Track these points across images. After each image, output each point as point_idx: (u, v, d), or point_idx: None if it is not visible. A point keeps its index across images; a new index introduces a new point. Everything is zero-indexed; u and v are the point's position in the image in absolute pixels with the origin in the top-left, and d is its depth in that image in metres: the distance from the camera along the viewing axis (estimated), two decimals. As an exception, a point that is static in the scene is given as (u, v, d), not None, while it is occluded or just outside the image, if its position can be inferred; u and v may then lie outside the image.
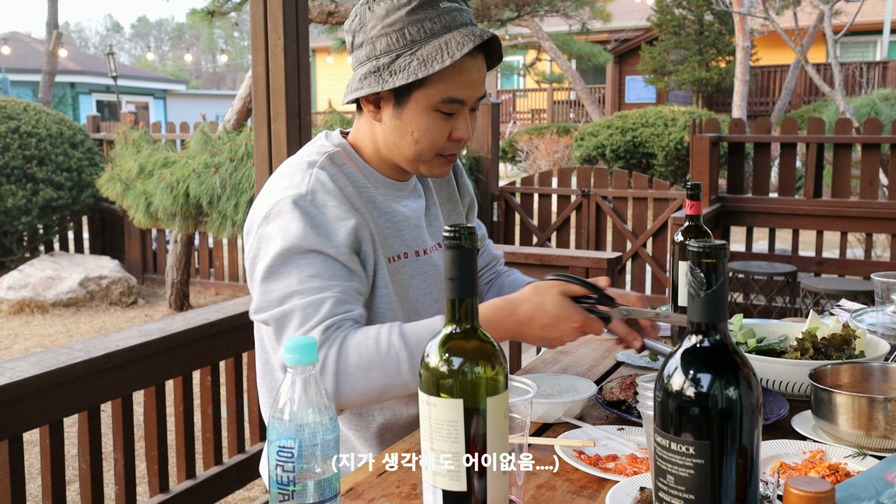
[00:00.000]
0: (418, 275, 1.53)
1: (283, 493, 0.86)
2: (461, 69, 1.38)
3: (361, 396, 1.30)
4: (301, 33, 2.50)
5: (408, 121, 1.41)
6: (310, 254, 1.34)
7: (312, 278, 1.33)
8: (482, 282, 1.83)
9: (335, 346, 1.29)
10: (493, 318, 1.35)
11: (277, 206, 1.37)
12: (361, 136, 1.51)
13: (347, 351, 1.29)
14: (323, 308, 1.31)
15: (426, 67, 1.34)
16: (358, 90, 1.41)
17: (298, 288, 1.33)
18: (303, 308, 1.32)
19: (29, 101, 8.17)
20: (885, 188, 6.23)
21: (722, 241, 0.82)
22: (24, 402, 1.84)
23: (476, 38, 1.35)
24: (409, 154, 1.44)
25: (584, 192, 6.64)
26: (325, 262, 1.34)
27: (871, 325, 1.69)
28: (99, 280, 7.22)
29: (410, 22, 1.36)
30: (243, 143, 5.99)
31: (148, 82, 25.66)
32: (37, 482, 3.36)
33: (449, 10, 1.39)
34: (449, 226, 0.91)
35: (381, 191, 1.50)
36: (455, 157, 1.49)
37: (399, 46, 1.37)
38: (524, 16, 9.44)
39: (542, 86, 21.29)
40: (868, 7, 14.57)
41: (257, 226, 1.39)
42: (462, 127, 1.43)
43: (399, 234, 1.50)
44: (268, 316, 1.35)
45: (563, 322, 1.34)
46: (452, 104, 1.39)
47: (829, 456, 1.20)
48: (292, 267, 1.34)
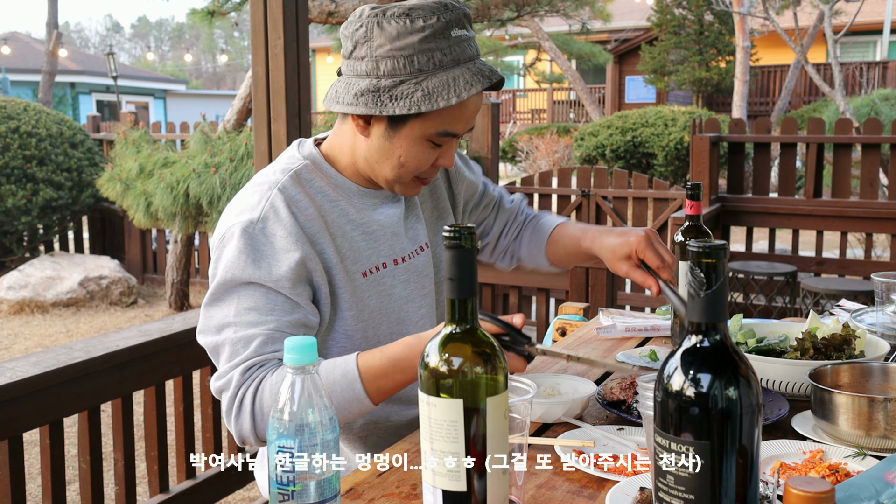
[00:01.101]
0: (399, 283, 1.51)
1: (283, 493, 0.86)
2: (463, 106, 1.37)
3: None
4: (301, 33, 2.50)
5: (398, 145, 1.39)
6: (250, 286, 1.35)
7: (249, 311, 1.34)
8: (509, 238, 1.82)
9: (252, 387, 1.32)
10: (401, 356, 1.30)
11: (230, 231, 1.38)
12: (340, 145, 1.47)
13: (262, 391, 1.31)
14: (251, 346, 1.33)
15: (430, 102, 1.32)
16: (352, 105, 1.36)
17: (234, 320, 1.35)
18: (232, 343, 1.34)
19: (29, 101, 8.17)
20: (885, 188, 6.23)
21: (722, 241, 0.82)
22: (24, 402, 1.84)
23: (485, 79, 1.34)
24: (389, 175, 1.43)
25: (584, 192, 6.64)
26: (265, 296, 1.35)
27: (871, 325, 1.69)
28: (99, 280, 7.22)
29: (421, 50, 1.32)
30: (243, 143, 5.98)
31: (148, 82, 25.66)
32: (37, 482, 3.36)
33: (459, 42, 1.35)
34: (449, 226, 0.91)
35: (356, 201, 1.48)
36: (429, 180, 1.48)
37: (405, 73, 1.32)
38: (524, 16, 9.42)
39: (542, 86, 21.28)
40: (868, 7, 14.56)
41: (216, 247, 1.41)
42: (448, 157, 1.43)
43: (375, 245, 1.48)
44: (205, 342, 1.39)
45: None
46: (446, 136, 1.39)
47: (829, 456, 1.20)
48: (233, 297, 1.35)
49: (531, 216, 1.83)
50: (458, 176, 1.70)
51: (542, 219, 1.81)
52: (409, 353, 1.30)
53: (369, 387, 1.30)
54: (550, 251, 1.77)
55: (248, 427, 1.33)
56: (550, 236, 1.77)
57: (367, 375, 1.30)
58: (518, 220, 1.82)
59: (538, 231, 1.79)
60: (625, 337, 1.96)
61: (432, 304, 1.57)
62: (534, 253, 1.79)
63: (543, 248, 1.77)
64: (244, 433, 1.35)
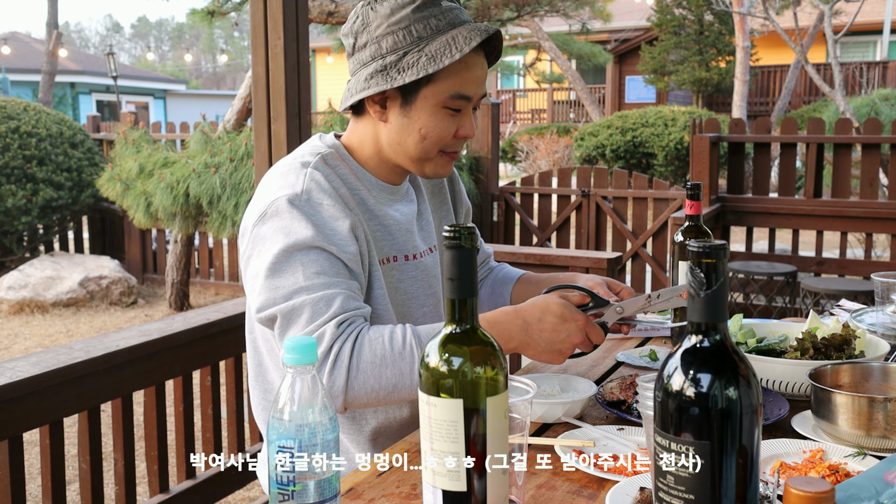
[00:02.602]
0: (407, 279, 1.53)
1: (283, 493, 0.86)
2: (467, 65, 1.39)
3: (370, 394, 1.29)
4: (301, 33, 2.50)
5: (416, 118, 1.41)
6: (312, 250, 1.32)
7: (318, 275, 1.31)
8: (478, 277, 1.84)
9: (350, 341, 1.27)
10: (500, 321, 1.34)
11: (273, 206, 1.36)
12: (359, 138, 1.50)
13: (362, 346, 1.28)
14: (334, 303, 1.29)
15: (435, 63, 1.35)
16: (364, 90, 1.40)
17: (305, 284, 1.30)
18: (313, 303, 1.29)
19: (29, 101, 8.17)
20: (885, 188, 6.23)
21: (722, 241, 0.82)
22: (24, 402, 1.84)
23: (482, 32, 1.36)
24: (415, 152, 1.44)
25: (584, 192, 6.64)
26: (328, 260, 1.33)
27: (871, 325, 1.70)
28: (99, 280, 7.22)
29: (416, 19, 1.37)
30: (243, 143, 5.98)
31: (148, 82, 25.66)
32: (37, 482, 3.36)
33: (451, 9, 1.40)
34: (449, 226, 0.91)
35: (374, 194, 1.50)
36: (457, 154, 1.49)
37: (406, 44, 1.37)
38: (524, 16, 9.44)
39: (542, 86, 21.28)
40: (868, 7, 14.56)
41: (252, 226, 1.38)
42: (467, 124, 1.44)
43: (390, 237, 1.50)
44: (276, 311, 1.31)
45: (570, 321, 1.34)
46: (460, 100, 1.40)
47: (829, 456, 1.20)
48: (296, 263, 1.31)
49: (496, 265, 1.87)
50: (460, 199, 1.75)
51: (507, 267, 1.86)
52: (505, 317, 1.34)
53: None
54: (517, 291, 1.78)
55: (342, 383, 1.27)
56: (518, 280, 1.80)
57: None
58: (488, 266, 1.86)
59: (503, 277, 1.82)
60: (624, 337, 1.96)
61: (437, 304, 1.58)
62: (496, 294, 1.80)
63: (510, 289, 1.79)
64: (336, 390, 1.27)
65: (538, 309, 1.35)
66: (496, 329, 1.33)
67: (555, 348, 1.34)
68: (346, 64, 1.50)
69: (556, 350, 1.34)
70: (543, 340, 1.33)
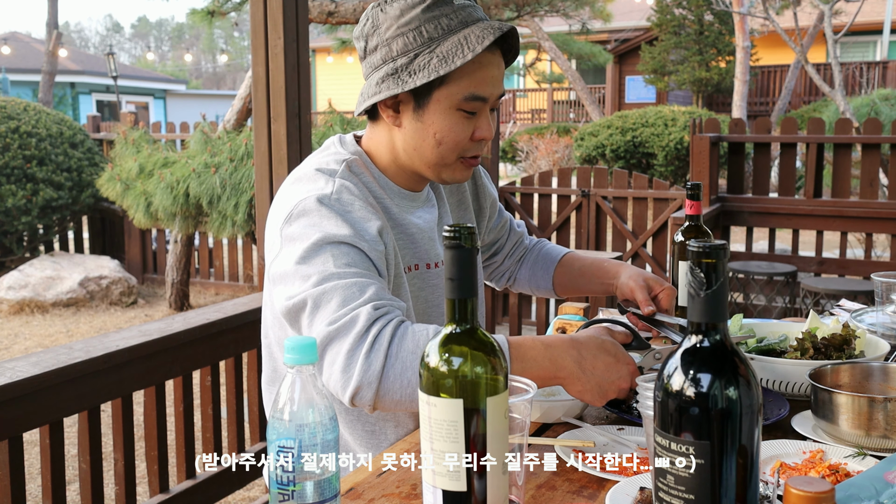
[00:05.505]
0: (428, 286, 1.50)
1: (283, 493, 0.86)
2: (481, 65, 1.35)
3: (405, 389, 1.18)
4: (301, 33, 2.50)
5: (430, 122, 1.36)
6: (343, 245, 1.27)
7: (349, 266, 1.25)
8: (513, 259, 1.83)
9: (391, 326, 1.20)
10: (554, 345, 1.26)
11: (300, 206, 1.31)
12: (377, 145, 1.46)
13: (405, 334, 1.20)
14: (368, 290, 1.23)
15: (447, 64, 1.30)
16: (376, 94, 1.36)
17: (337, 271, 1.24)
18: (345, 287, 1.22)
19: (29, 101, 8.17)
20: (885, 188, 6.23)
21: (722, 241, 0.82)
22: (24, 402, 1.84)
23: (495, 30, 1.32)
24: (432, 158, 1.39)
25: (584, 192, 6.64)
26: (359, 255, 1.28)
27: (871, 325, 1.70)
28: (99, 280, 7.22)
29: (427, 20, 1.33)
30: (243, 143, 5.98)
31: (148, 82, 25.66)
32: (37, 482, 3.36)
33: (464, 7, 1.36)
34: (449, 226, 0.91)
35: (396, 201, 1.46)
36: (477, 159, 1.43)
37: (417, 45, 1.33)
38: (524, 16, 9.42)
39: (542, 86, 21.28)
40: (868, 7, 14.57)
41: (279, 227, 1.33)
42: (484, 126, 1.39)
43: (412, 245, 1.47)
44: (305, 295, 1.24)
45: (622, 364, 1.28)
46: (475, 102, 1.36)
47: (829, 456, 1.19)
48: (327, 254, 1.26)
49: (535, 242, 1.84)
50: (484, 192, 1.70)
51: (547, 245, 1.83)
52: (561, 344, 1.26)
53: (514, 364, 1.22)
54: (559, 275, 1.77)
55: (378, 368, 1.17)
56: (560, 261, 1.78)
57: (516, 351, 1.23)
58: (523, 245, 1.83)
59: (544, 257, 1.80)
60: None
61: None
62: (537, 276, 1.79)
63: (552, 272, 1.78)
64: (370, 375, 1.17)
65: (594, 344, 1.28)
66: (549, 353, 1.24)
67: (603, 388, 1.26)
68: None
69: (603, 390, 1.26)
70: (595, 377, 1.26)
